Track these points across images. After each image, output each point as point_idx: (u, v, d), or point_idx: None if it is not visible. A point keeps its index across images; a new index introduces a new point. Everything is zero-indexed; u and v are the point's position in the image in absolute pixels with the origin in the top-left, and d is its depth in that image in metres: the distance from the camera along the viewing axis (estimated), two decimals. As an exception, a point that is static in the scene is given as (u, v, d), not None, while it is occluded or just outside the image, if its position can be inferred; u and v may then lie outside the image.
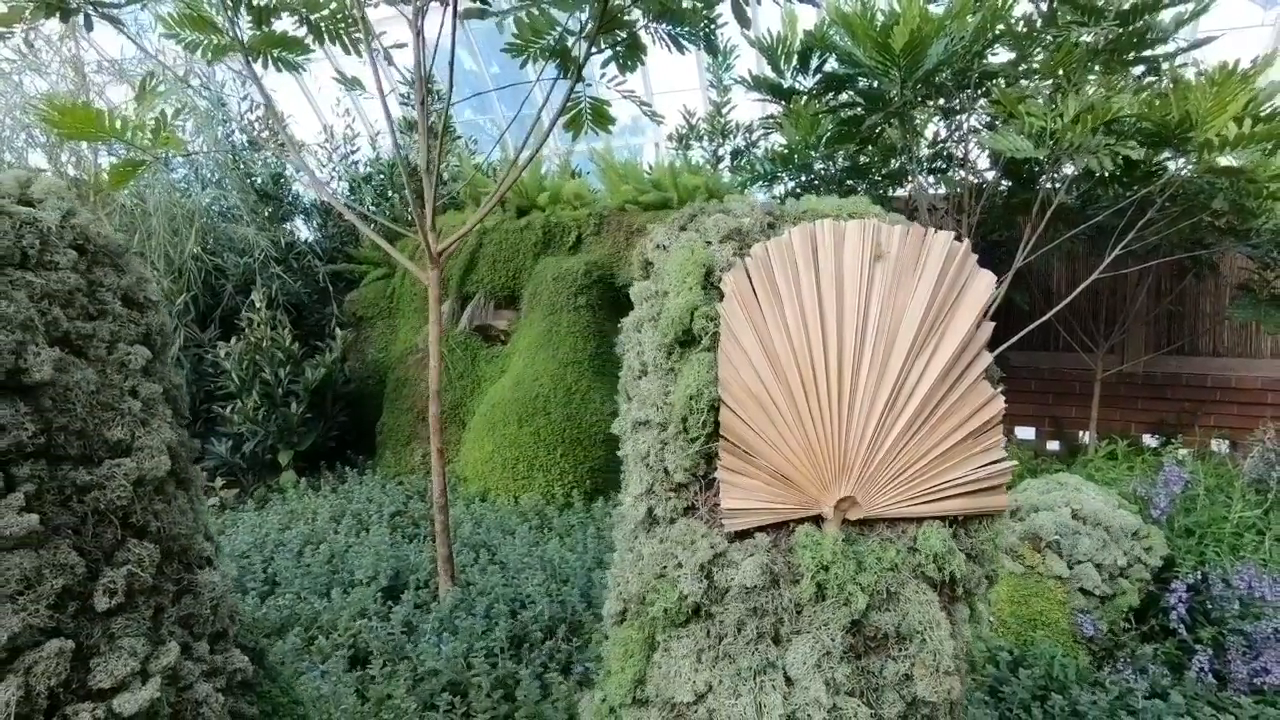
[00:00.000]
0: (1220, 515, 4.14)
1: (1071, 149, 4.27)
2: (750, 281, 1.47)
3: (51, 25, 6.65)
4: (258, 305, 6.68)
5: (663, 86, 9.64)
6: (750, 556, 1.42)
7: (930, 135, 5.97)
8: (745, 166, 6.06)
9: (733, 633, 1.43)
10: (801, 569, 1.41)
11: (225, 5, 3.60)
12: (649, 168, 7.30)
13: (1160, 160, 4.82)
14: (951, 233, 1.49)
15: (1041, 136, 4.32)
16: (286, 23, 3.83)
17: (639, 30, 3.71)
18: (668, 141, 8.59)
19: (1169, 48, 4.78)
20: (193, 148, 7.48)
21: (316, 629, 3.67)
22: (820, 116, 5.19)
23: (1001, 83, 4.95)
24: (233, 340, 6.49)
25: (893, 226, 1.49)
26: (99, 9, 3.59)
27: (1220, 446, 5.69)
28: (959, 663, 1.44)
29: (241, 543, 4.70)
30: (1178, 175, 4.69)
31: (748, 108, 8.02)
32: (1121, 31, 4.53)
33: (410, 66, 6.67)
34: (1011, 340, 4.88)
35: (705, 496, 1.50)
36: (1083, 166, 4.41)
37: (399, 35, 3.96)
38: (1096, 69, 4.74)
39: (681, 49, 3.88)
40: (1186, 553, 3.88)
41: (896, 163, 5.83)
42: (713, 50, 4.02)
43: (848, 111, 5.34)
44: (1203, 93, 3.99)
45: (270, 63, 3.92)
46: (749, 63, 8.13)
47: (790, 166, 5.59)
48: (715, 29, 3.82)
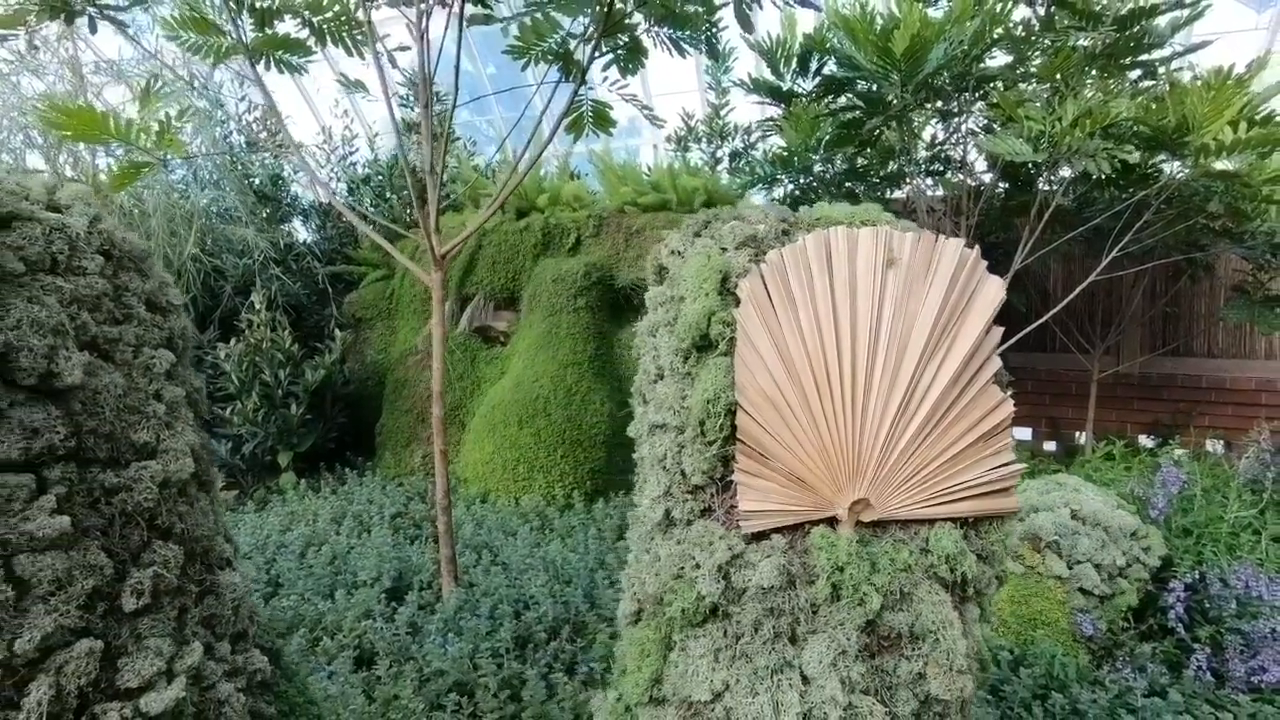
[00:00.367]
0: (1217, 515, 4.18)
1: (1070, 152, 4.30)
2: (766, 287, 1.50)
3: (49, 26, 6.64)
4: (257, 307, 6.67)
5: (661, 89, 9.67)
6: (767, 558, 1.44)
7: (928, 138, 6.01)
8: (745, 169, 6.09)
9: (750, 632, 1.46)
10: (817, 570, 1.43)
11: (229, 8, 3.61)
12: (647, 169, 7.32)
13: (1156, 163, 4.87)
14: (962, 240, 1.52)
15: (1040, 140, 4.35)
16: (288, 24, 3.84)
17: (640, 34, 3.73)
18: (666, 143, 8.61)
19: (1164, 52, 4.82)
20: (191, 149, 7.47)
21: (321, 630, 3.68)
22: (820, 119, 5.22)
23: (1000, 86, 4.99)
24: (232, 342, 6.49)
25: (904, 233, 1.51)
26: (103, 11, 3.61)
27: (1215, 447, 5.74)
28: (970, 661, 1.47)
29: (243, 544, 4.70)
30: (1174, 178, 4.73)
31: (746, 110, 8.05)
32: (1118, 36, 4.56)
33: (409, 68, 6.67)
34: (1009, 342, 4.91)
35: (722, 499, 1.52)
36: (1080, 169, 4.45)
37: (396, 35, 3.98)
38: (1093, 73, 4.78)
39: (683, 53, 3.89)
40: (1184, 552, 3.91)
41: (895, 165, 5.86)
42: (714, 54, 4.05)
43: (847, 114, 5.37)
44: (1199, 97, 4.03)
45: (272, 64, 3.93)
46: (747, 65, 8.16)
47: (791, 169, 5.62)
48: (717, 33, 3.84)
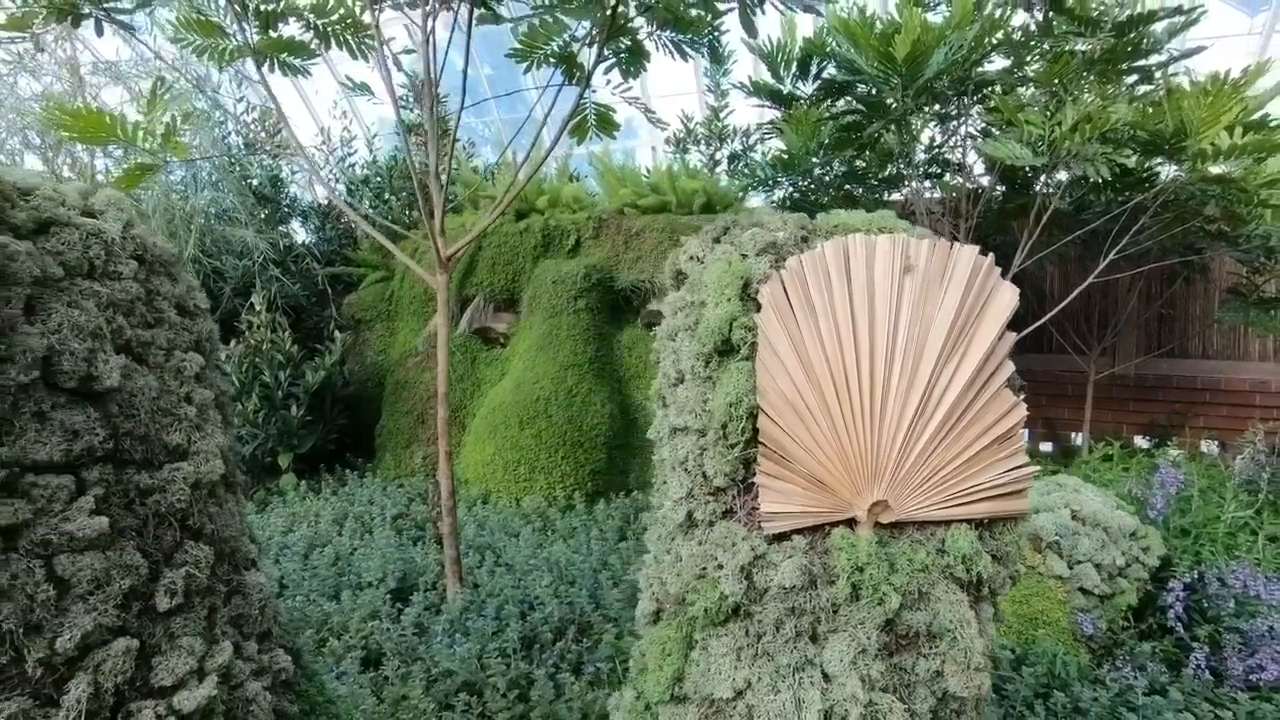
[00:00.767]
0: (1214, 516, 4.23)
1: (1069, 156, 4.35)
2: (786, 293, 1.53)
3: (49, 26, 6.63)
4: (257, 308, 6.67)
5: (660, 90, 9.70)
6: (789, 558, 1.47)
7: (926, 140, 6.05)
8: (745, 171, 6.12)
9: (771, 631, 1.49)
10: (837, 570, 1.46)
11: (234, 10, 3.62)
12: (646, 171, 7.34)
13: (1152, 167, 4.92)
14: (976, 247, 1.55)
15: (1040, 144, 4.40)
16: (292, 27, 3.85)
17: (642, 37, 3.75)
18: (665, 145, 8.64)
19: (1161, 57, 4.87)
20: (192, 151, 7.47)
21: (327, 631, 3.69)
22: (821, 123, 5.26)
23: (998, 89, 5.03)
24: (232, 343, 6.49)
25: (920, 240, 1.54)
26: (110, 14, 3.61)
27: (1210, 447, 5.80)
28: (986, 659, 1.50)
29: (247, 545, 4.70)
30: (1171, 182, 4.78)
31: (744, 112, 8.09)
32: (1116, 42, 4.61)
33: (411, 70, 6.68)
34: (1008, 343, 4.95)
35: (743, 500, 1.55)
36: (1079, 173, 4.50)
37: (397, 36, 4.00)
38: (1091, 78, 4.82)
39: (685, 56, 3.92)
40: (1183, 552, 3.96)
41: (893, 168, 5.90)
42: (716, 58, 4.08)
43: (848, 118, 5.40)
44: (1196, 102, 4.08)
45: (275, 67, 3.94)
46: (745, 67, 8.19)
47: (792, 172, 5.66)
48: (719, 36, 3.87)
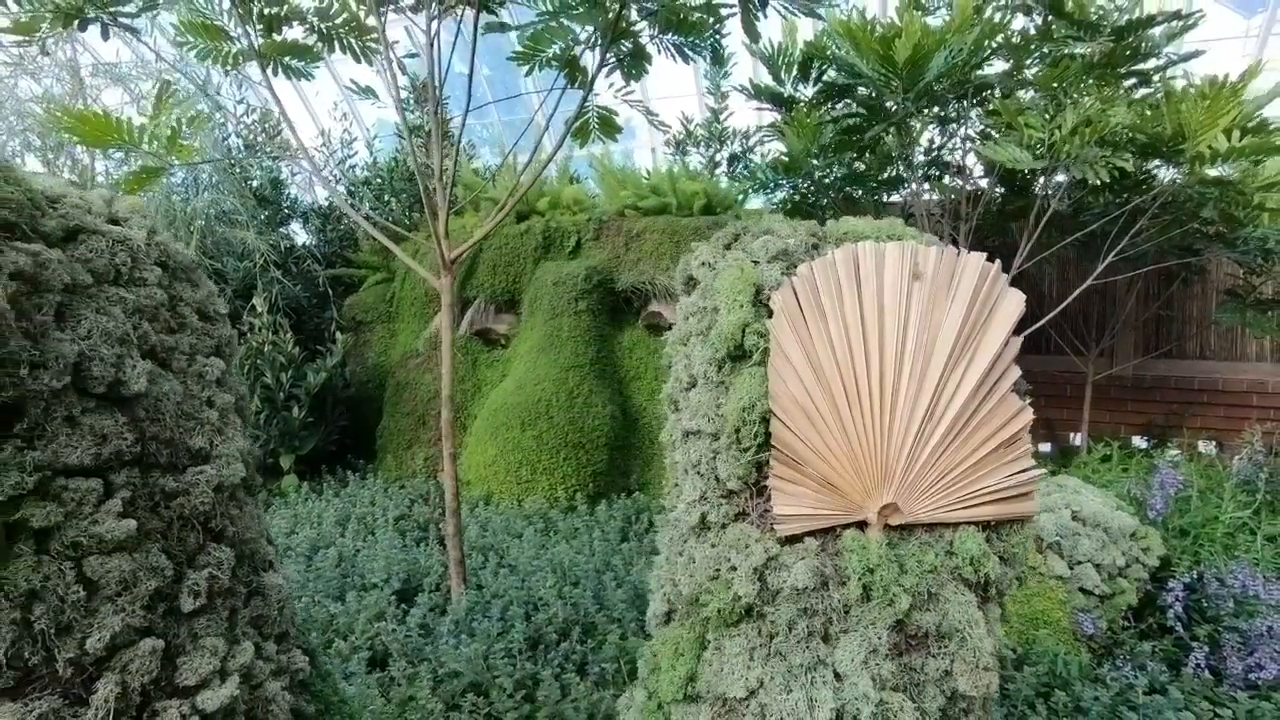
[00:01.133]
0: (1213, 516, 4.26)
1: (1068, 160, 4.38)
2: (797, 299, 1.55)
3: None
4: (259, 310, 6.68)
5: (660, 92, 9.73)
6: (801, 560, 1.50)
7: (925, 143, 6.08)
8: (745, 174, 6.15)
9: (784, 631, 1.51)
10: (848, 571, 1.49)
11: (238, 14, 3.64)
12: (646, 173, 7.37)
13: (1151, 169, 4.95)
14: (983, 254, 1.58)
15: (1039, 147, 4.43)
16: (295, 31, 3.87)
17: (644, 41, 3.78)
18: (665, 147, 8.66)
19: (1159, 60, 4.91)
20: (195, 153, 7.49)
21: (333, 632, 3.71)
22: (822, 125, 5.28)
23: (998, 93, 5.07)
24: (234, 344, 6.49)
25: (928, 248, 1.57)
26: (115, 18, 3.63)
27: (1208, 448, 5.83)
28: (994, 659, 1.53)
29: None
30: (1169, 185, 4.81)
31: (744, 114, 8.13)
32: (1115, 45, 4.64)
33: (413, 72, 6.69)
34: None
35: (756, 503, 1.57)
36: (1078, 176, 4.53)
37: (398, 39, 4.02)
38: (1090, 81, 4.86)
39: (687, 59, 3.95)
40: (1182, 553, 3.99)
41: (893, 170, 5.94)
42: (718, 60, 4.10)
43: (848, 120, 5.43)
44: (1194, 106, 4.12)
45: (279, 70, 3.96)
46: (745, 70, 8.22)
47: (794, 174, 5.68)
48: (721, 39, 3.90)
